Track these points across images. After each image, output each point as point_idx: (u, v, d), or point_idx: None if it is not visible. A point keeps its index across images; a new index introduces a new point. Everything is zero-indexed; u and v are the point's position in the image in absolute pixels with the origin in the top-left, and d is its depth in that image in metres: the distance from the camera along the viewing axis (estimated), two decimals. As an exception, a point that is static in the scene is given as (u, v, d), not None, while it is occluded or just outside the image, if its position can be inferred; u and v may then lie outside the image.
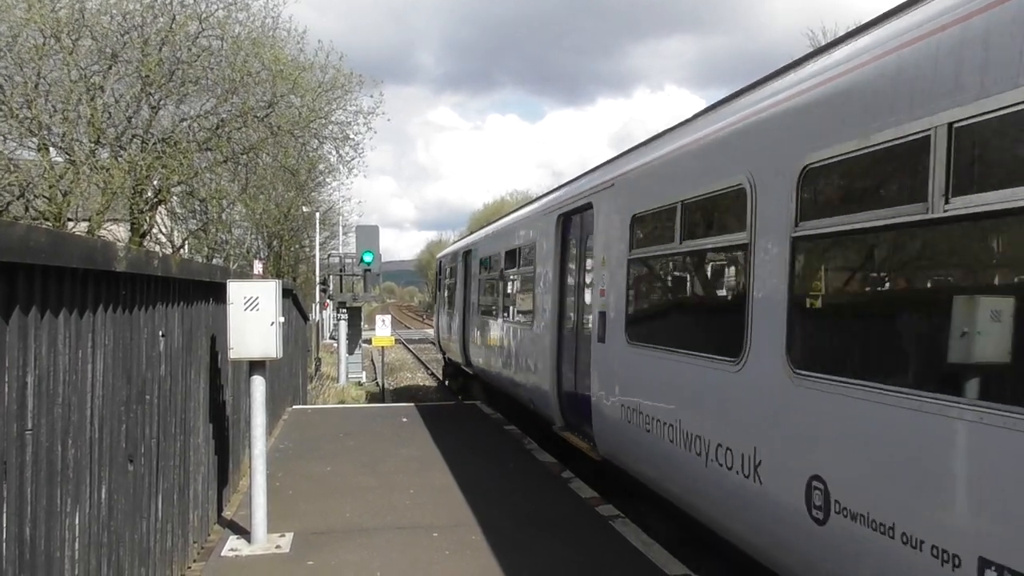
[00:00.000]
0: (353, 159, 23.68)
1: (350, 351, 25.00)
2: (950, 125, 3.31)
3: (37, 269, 2.99)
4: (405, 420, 12.36)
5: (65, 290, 3.29)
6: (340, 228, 45.37)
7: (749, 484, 4.79)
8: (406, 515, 7.05)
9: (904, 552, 3.43)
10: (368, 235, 25.41)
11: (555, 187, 11.65)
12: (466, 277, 17.13)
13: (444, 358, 22.49)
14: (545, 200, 11.32)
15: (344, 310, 24.91)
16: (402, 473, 8.63)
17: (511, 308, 12.69)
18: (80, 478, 3.49)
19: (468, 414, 13.43)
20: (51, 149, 18.17)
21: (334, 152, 23.48)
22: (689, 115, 6.71)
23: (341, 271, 27.58)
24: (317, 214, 38.92)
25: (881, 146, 3.77)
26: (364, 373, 26.92)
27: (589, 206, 8.54)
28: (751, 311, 4.86)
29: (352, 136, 22.79)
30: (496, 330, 13.51)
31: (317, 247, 39.89)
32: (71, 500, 3.37)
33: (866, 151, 3.88)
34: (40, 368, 3.05)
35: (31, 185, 17.62)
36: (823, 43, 5.13)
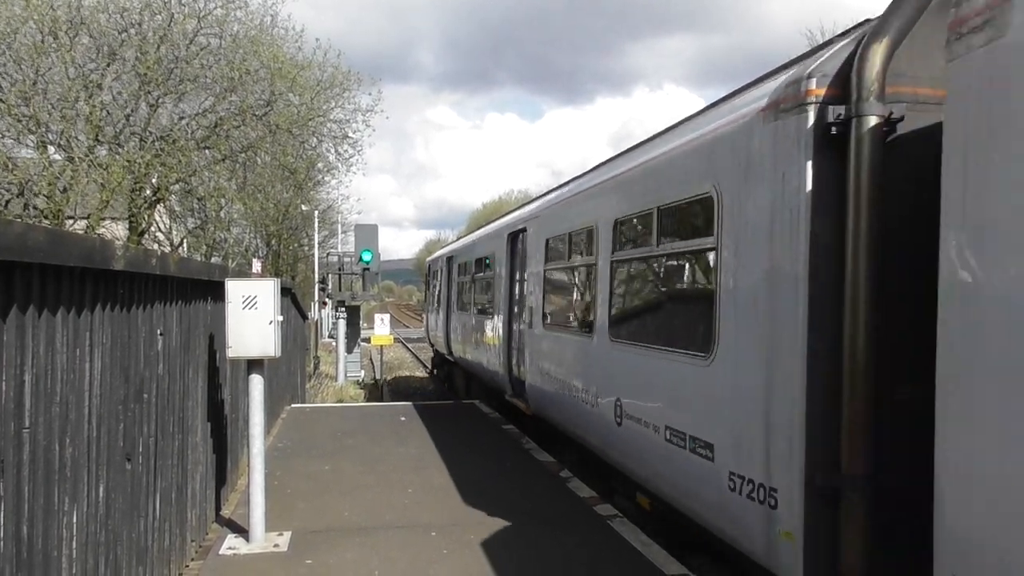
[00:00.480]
0: (352, 156, 23.66)
1: (349, 350, 24.99)
2: (658, 208, 6.20)
3: (35, 267, 2.98)
4: (403, 419, 12.37)
5: (63, 289, 3.28)
6: (339, 227, 45.31)
7: (593, 410, 7.62)
8: (404, 514, 7.05)
9: (646, 431, 6.25)
10: (367, 234, 25.39)
11: (510, 210, 15.12)
12: (448, 279, 19.07)
13: (433, 349, 25.40)
14: (501, 221, 14.16)
15: (343, 309, 24.90)
16: (400, 472, 8.63)
17: (479, 305, 14.95)
18: (78, 477, 3.49)
19: (466, 413, 13.43)
20: (49, 147, 18.15)
21: (333, 150, 23.48)
22: (577, 173, 9.89)
23: (340, 270, 27.56)
24: (316, 213, 38.88)
25: (640, 213, 6.66)
26: (363, 372, 26.92)
27: (525, 229, 11.20)
28: (596, 305, 7.66)
29: (351, 135, 22.79)
30: (469, 323, 15.87)
31: (316, 246, 39.86)
32: (69, 499, 3.37)
33: (636, 214, 6.82)
34: (38, 367, 3.05)
35: (30, 183, 17.60)
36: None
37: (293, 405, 14.22)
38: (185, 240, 26.25)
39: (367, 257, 24.29)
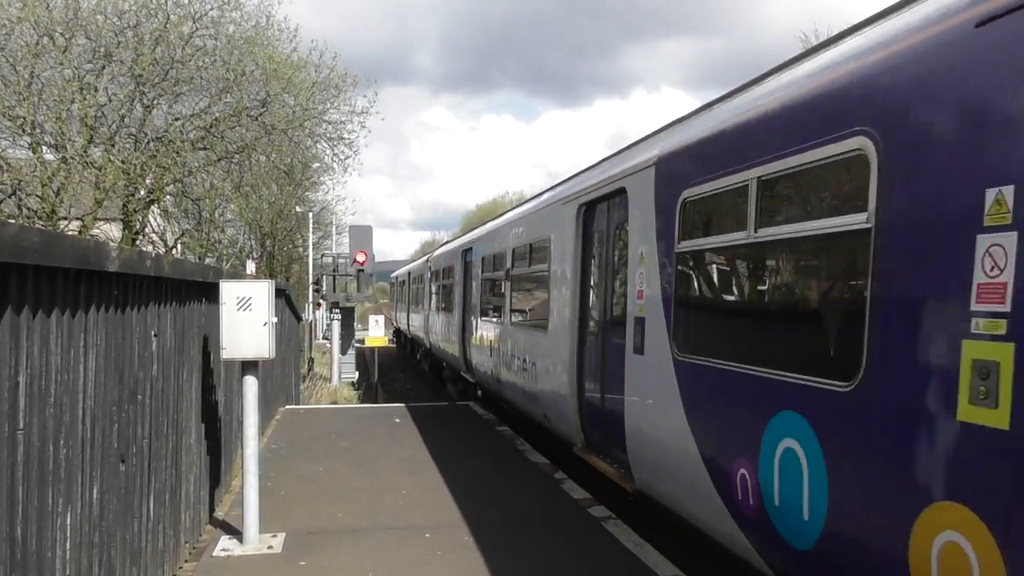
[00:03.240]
0: (347, 157, 23.64)
1: (343, 351, 24.98)
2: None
3: (29, 269, 2.99)
4: (398, 421, 12.37)
5: (58, 290, 3.29)
6: (333, 228, 45.32)
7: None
8: (399, 515, 7.06)
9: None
10: (361, 235, 25.35)
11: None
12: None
13: (394, 328, 30.82)
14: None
15: (337, 310, 24.88)
16: (395, 473, 8.63)
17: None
18: (72, 478, 3.49)
19: (461, 415, 13.44)
20: (43, 147, 18.12)
21: (328, 151, 23.48)
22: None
23: (335, 271, 27.53)
24: (311, 214, 38.87)
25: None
26: (357, 373, 26.90)
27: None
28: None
29: (345, 135, 22.79)
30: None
31: (311, 247, 39.87)
32: (63, 500, 3.37)
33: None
34: (32, 368, 3.05)
35: (23, 183, 17.57)
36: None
37: (287, 406, 14.20)
38: (179, 241, 26.20)
39: (361, 259, 24.27)
